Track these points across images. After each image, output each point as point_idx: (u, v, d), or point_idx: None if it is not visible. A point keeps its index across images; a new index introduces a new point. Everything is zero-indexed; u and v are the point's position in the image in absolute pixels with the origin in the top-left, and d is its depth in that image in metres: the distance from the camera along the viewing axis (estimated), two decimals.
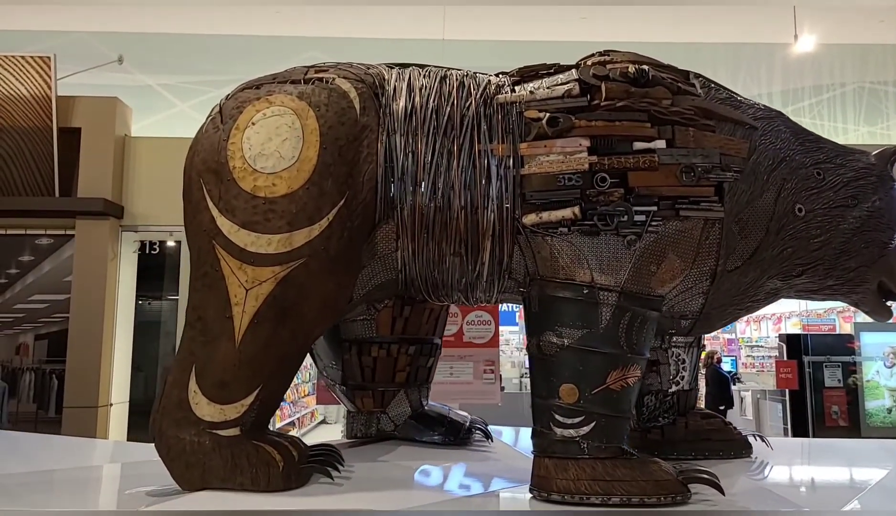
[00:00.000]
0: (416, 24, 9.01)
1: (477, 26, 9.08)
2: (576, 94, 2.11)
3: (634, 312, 2.00)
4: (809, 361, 7.47)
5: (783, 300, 2.56)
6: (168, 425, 1.92)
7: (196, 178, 1.99)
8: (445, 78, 2.21)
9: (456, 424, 2.65)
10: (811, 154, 2.35)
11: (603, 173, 2.02)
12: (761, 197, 2.22)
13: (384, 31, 9.12)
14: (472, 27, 9.07)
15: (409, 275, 2.15)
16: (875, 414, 7.44)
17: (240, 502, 1.81)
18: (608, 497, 1.85)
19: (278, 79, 2.14)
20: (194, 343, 1.94)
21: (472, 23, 9.02)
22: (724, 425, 2.63)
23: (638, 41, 7.49)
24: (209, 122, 2.08)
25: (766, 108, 2.42)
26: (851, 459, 2.94)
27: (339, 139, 1.98)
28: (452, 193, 2.04)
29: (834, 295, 2.45)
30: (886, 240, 2.34)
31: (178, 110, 9.24)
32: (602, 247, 2.00)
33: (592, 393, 1.93)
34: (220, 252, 1.92)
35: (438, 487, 2.12)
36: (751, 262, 2.23)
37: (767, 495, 2.06)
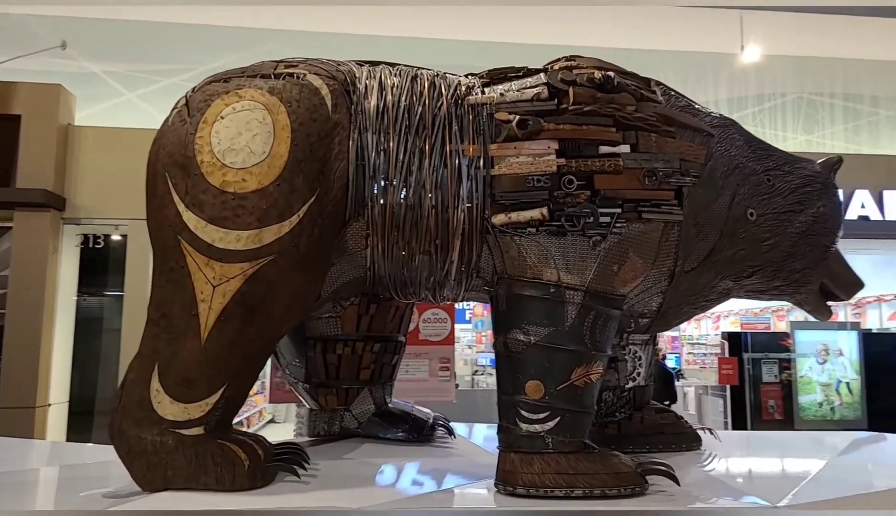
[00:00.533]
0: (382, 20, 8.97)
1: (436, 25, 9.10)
2: (544, 98, 2.16)
3: (598, 311, 2.06)
4: (749, 358, 7.79)
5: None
6: (129, 424, 1.88)
7: (161, 172, 1.95)
8: (416, 77, 2.23)
9: (419, 421, 2.67)
10: (762, 161, 2.47)
11: (570, 175, 2.07)
12: (717, 201, 2.32)
13: (345, 26, 9.04)
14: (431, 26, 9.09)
15: (378, 272, 2.16)
16: (807, 408, 7.80)
17: (205, 502, 1.78)
18: (571, 489, 1.91)
19: (247, 73, 2.12)
20: (158, 340, 1.90)
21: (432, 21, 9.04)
22: (677, 419, 2.73)
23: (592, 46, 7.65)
24: (175, 114, 2.03)
25: (721, 117, 2.53)
26: (791, 450, 3.10)
27: (310, 136, 1.97)
28: (423, 192, 2.06)
29: (780, 295, 2.57)
30: (829, 243, 2.48)
31: (125, 99, 8.93)
32: (568, 247, 2.06)
33: (557, 390, 1.98)
34: (187, 248, 1.88)
35: (405, 484, 2.14)
36: (706, 264, 2.33)
37: (719, 485, 2.15)
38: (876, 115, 10.47)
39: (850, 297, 2.58)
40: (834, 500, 1.97)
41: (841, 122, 10.41)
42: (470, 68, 2.53)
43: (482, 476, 2.12)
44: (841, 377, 7.60)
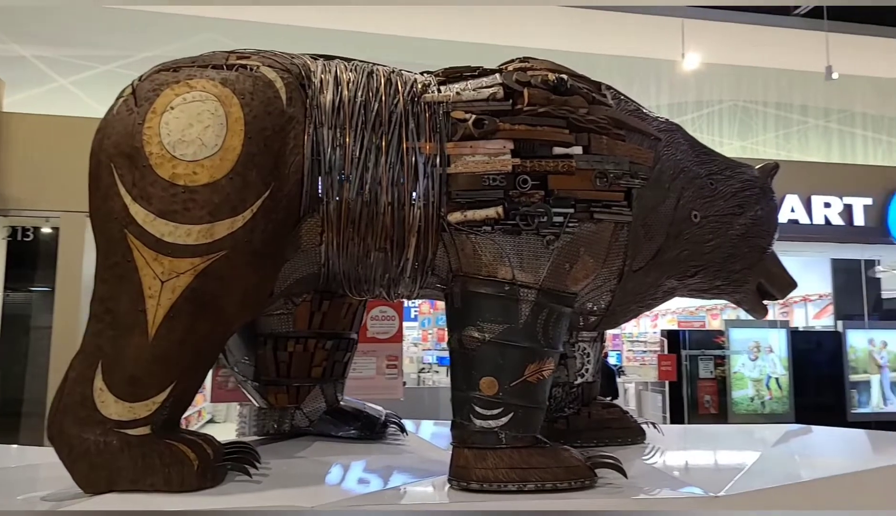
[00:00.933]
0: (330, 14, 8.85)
1: (383, 20, 9.05)
2: (500, 98, 2.19)
3: (551, 308, 2.10)
4: (687, 355, 8.07)
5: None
6: (69, 424, 1.80)
7: (106, 163, 1.88)
8: (372, 73, 2.22)
9: (372, 419, 2.66)
10: (705, 165, 2.56)
11: (525, 175, 2.10)
12: (663, 203, 2.40)
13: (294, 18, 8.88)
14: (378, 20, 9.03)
15: (333, 269, 2.14)
16: (740, 403, 8.14)
17: (153, 502, 1.73)
18: (524, 483, 1.94)
19: (197, 62, 2.06)
20: (101, 337, 1.83)
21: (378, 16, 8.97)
22: (622, 414, 2.81)
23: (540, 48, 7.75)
24: (121, 103, 1.96)
25: (667, 121, 2.61)
26: (727, 443, 3.24)
27: (264, 129, 1.94)
28: (380, 189, 2.05)
29: (720, 294, 2.68)
30: (766, 245, 2.60)
31: (57, 85, 8.52)
32: (523, 245, 2.09)
33: (511, 386, 2.01)
34: (133, 241, 1.82)
35: (358, 481, 2.13)
36: (653, 263, 2.41)
37: (663, 477, 2.23)
38: (805, 123, 11.00)
39: (784, 297, 2.71)
40: (770, 489, 2.07)
41: (773, 129, 10.89)
42: (414, 65, 2.53)
43: (435, 472, 2.13)
44: (771, 373, 7.96)
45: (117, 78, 8.17)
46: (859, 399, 7.79)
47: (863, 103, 10.73)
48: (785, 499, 2.06)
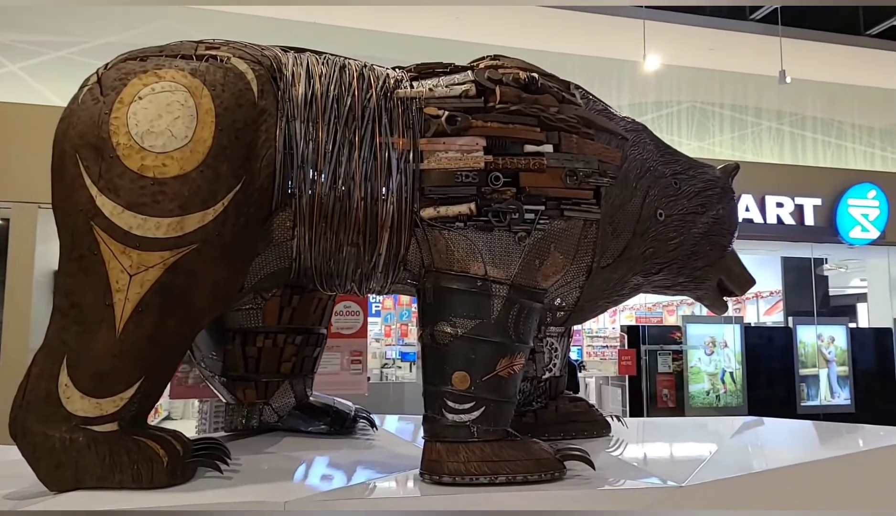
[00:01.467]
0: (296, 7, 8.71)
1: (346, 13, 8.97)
2: (472, 95, 2.20)
3: (522, 304, 2.13)
4: (646, 350, 8.24)
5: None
6: (33, 421, 1.75)
7: (71, 153, 1.83)
8: (344, 67, 2.21)
9: (341, 414, 2.65)
10: (670, 165, 2.63)
11: (497, 172, 2.13)
12: (630, 202, 2.45)
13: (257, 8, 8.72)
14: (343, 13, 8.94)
15: (304, 264, 2.12)
16: (696, 397, 8.35)
17: (121, 500, 1.70)
18: (495, 476, 1.96)
19: (165, 52, 2.02)
20: (67, 332, 1.79)
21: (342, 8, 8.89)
22: (589, 407, 2.87)
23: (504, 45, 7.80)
24: (85, 92, 1.91)
25: (633, 121, 2.67)
26: (688, 435, 3.34)
27: (236, 121, 1.91)
28: (353, 184, 2.05)
29: (683, 290, 2.76)
30: (726, 243, 2.68)
31: (7, 71, 8.20)
32: (495, 242, 2.11)
33: (483, 380, 2.04)
34: (100, 234, 1.78)
35: (330, 476, 2.13)
36: (620, 260, 2.46)
37: (630, 468, 2.29)
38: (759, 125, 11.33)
39: (743, 293, 2.81)
40: (730, 479, 2.14)
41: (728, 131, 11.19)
42: (381, 60, 2.53)
43: (407, 466, 2.14)
44: (726, 367, 8.20)
45: (71, 65, 7.92)
46: (808, 392, 8.09)
47: (814, 107, 11.11)
48: (744, 489, 2.14)
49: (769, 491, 2.18)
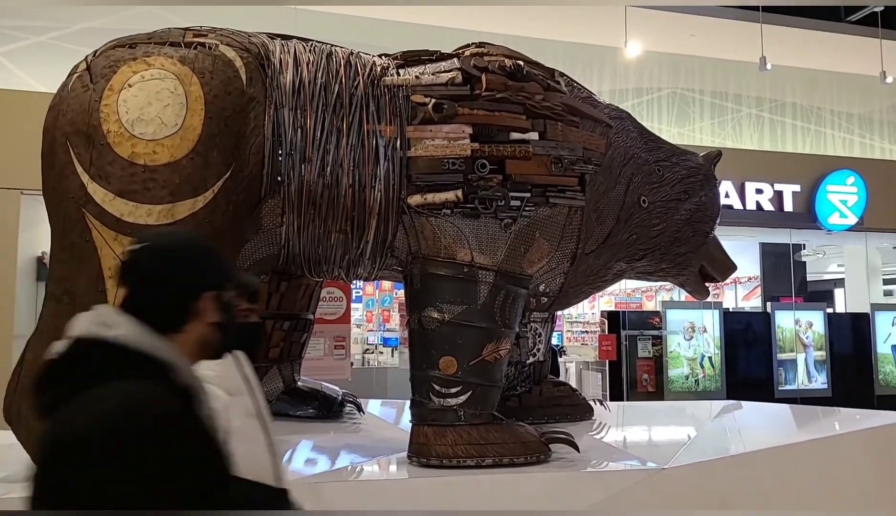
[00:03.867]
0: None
1: None
2: (459, 83, 2.22)
3: (508, 290, 2.17)
4: (626, 335, 8.33)
5: None
6: (28, 407, 1.76)
7: (62, 140, 1.83)
8: (331, 54, 2.22)
9: (329, 398, 2.69)
10: (653, 152, 2.67)
11: (483, 160, 2.16)
12: (614, 189, 2.50)
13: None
14: None
15: (293, 250, 2.14)
16: (675, 381, 8.47)
17: None
18: (482, 459, 2.01)
19: (154, 39, 2.02)
20: (60, 318, 1.79)
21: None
22: (572, 392, 2.93)
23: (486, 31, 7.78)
24: (75, 79, 1.91)
25: (617, 109, 2.70)
26: (670, 419, 3.42)
27: (224, 109, 1.92)
28: (341, 171, 2.07)
29: (666, 276, 2.81)
30: (708, 230, 2.73)
31: None
32: (481, 229, 2.15)
33: (469, 365, 2.08)
34: (92, 221, 1.79)
35: (320, 459, 2.16)
36: (604, 247, 2.51)
37: (613, 451, 2.35)
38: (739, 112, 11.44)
39: (725, 279, 2.87)
40: (711, 461, 2.21)
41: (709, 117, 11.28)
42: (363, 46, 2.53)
43: (395, 449, 2.18)
44: (704, 352, 8.32)
45: (51, 50, 7.77)
46: (786, 376, 8.25)
47: (793, 94, 11.23)
48: (725, 470, 2.20)
49: (749, 473, 2.25)
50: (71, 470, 0.83)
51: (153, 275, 0.98)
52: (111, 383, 0.88)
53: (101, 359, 0.93)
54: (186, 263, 1.01)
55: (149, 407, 0.86)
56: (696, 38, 10.09)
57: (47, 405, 0.91)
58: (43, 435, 0.85)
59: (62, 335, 1.78)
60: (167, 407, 0.87)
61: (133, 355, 0.92)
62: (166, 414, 0.86)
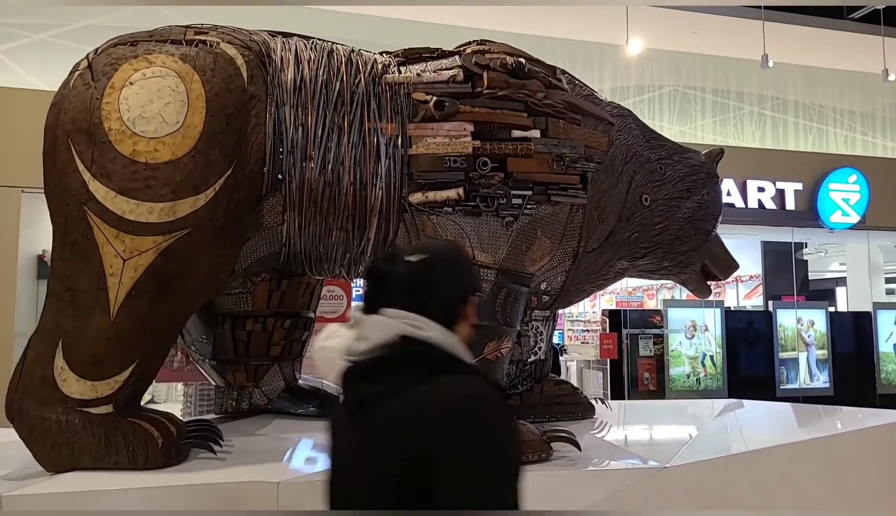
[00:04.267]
0: None
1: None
2: (460, 80, 2.22)
3: (510, 288, 2.17)
4: (627, 334, 8.34)
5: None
6: (30, 404, 1.77)
7: (63, 138, 1.83)
8: (332, 52, 2.22)
9: (330, 397, 2.68)
10: (655, 150, 2.67)
11: (485, 158, 2.16)
12: (616, 187, 2.49)
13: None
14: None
15: (294, 248, 2.14)
16: (677, 380, 8.48)
17: (117, 480, 1.72)
18: None
19: (155, 37, 2.02)
20: (62, 316, 1.80)
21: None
22: (574, 390, 2.92)
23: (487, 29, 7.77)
24: (76, 77, 1.91)
25: (619, 106, 2.70)
26: (671, 417, 3.42)
27: (226, 107, 1.92)
28: (342, 169, 2.07)
29: (667, 275, 2.81)
30: (710, 228, 2.73)
31: None
32: (483, 227, 2.15)
33: None
34: (94, 219, 1.79)
35: (321, 457, 2.16)
36: (606, 245, 2.51)
37: (615, 449, 2.35)
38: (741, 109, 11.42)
39: (727, 278, 2.87)
40: (713, 460, 2.20)
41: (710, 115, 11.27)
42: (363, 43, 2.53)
43: None
44: (706, 351, 8.32)
45: (51, 48, 7.78)
46: (788, 375, 8.24)
47: (795, 91, 11.21)
48: (727, 469, 2.20)
49: (751, 472, 2.24)
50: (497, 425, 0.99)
51: (439, 283, 1.12)
52: (457, 375, 1.04)
53: (420, 355, 1.06)
54: (461, 271, 1.16)
55: (494, 392, 1.03)
56: (697, 36, 10.07)
57: (373, 395, 1.05)
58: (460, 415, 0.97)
59: (63, 333, 1.79)
60: (502, 394, 1.03)
61: (443, 353, 1.07)
62: (504, 400, 1.03)
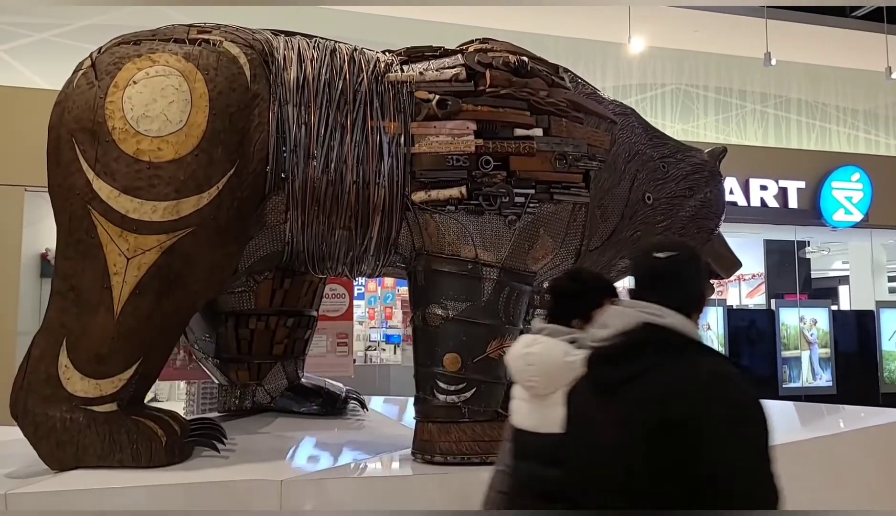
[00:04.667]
0: None
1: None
2: (463, 79, 2.22)
3: (512, 287, 2.17)
4: None
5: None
6: (35, 402, 1.78)
7: (67, 137, 1.84)
8: (335, 51, 2.22)
9: (333, 395, 2.69)
10: (658, 149, 2.67)
11: (487, 156, 2.15)
12: (619, 185, 2.49)
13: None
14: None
15: (297, 247, 2.15)
16: None
17: (121, 478, 1.73)
18: (487, 455, 2.01)
19: (158, 36, 2.02)
20: (66, 314, 1.81)
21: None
22: None
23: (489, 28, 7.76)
24: (80, 76, 1.91)
25: (622, 105, 2.70)
26: None
27: (229, 106, 1.93)
28: (345, 168, 2.07)
29: None
30: (713, 227, 2.73)
31: None
32: (485, 225, 2.15)
33: (474, 362, 2.08)
34: (97, 218, 1.80)
35: (324, 455, 2.17)
36: (608, 243, 2.50)
37: None
38: (743, 107, 11.39)
39: (730, 276, 2.86)
40: None
41: (713, 113, 11.24)
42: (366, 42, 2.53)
43: (399, 446, 2.19)
44: None
45: (54, 47, 7.78)
46: (790, 373, 8.23)
47: (798, 89, 11.18)
48: None
49: None
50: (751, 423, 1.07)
51: (684, 277, 1.21)
52: (703, 355, 1.12)
53: (664, 339, 1.13)
54: (700, 267, 1.24)
55: (741, 372, 1.10)
56: (700, 34, 10.04)
57: (625, 374, 1.12)
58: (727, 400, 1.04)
59: (67, 332, 1.79)
60: (748, 374, 1.10)
61: (685, 337, 1.14)
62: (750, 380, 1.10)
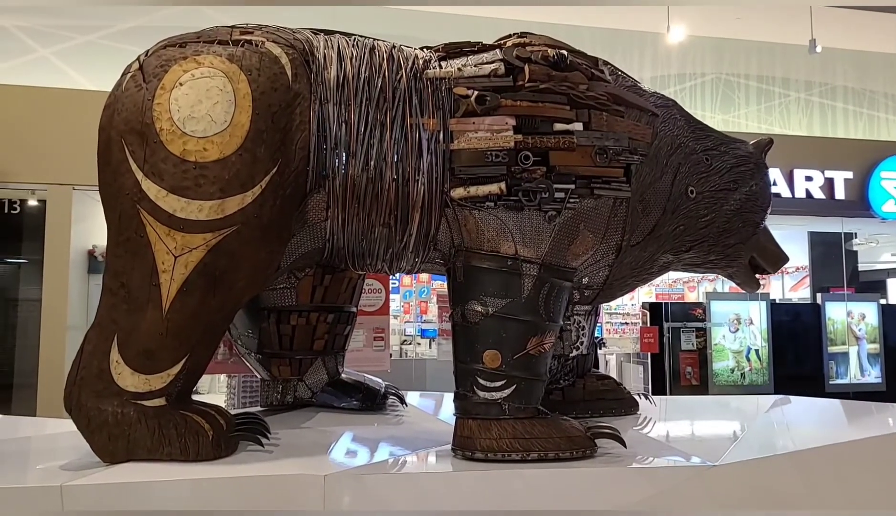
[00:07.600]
0: None
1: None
2: (501, 74, 2.21)
3: (552, 283, 2.16)
4: (669, 327, 8.21)
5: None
6: (87, 396, 1.84)
7: (117, 139, 1.89)
8: (374, 48, 2.23)
9: (372, 390, 2.71)
10: (701, 141, 2.61)
11: (527, 151, 2.14)
12: (661, 179, 2.45)
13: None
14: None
15: (337, 244, 2.17)
16: (720, 374, 8.32)
17: (171, 472, 1.78)
18: (527, 453, 2.01)
19: (203, 38, 2.06)
20: (116, 311, 1.86)
21: None
22: (617, 385, 2.89)
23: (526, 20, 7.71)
24: (128, 79, 1.96)
25: (663, 97, 2.65)
26: (718, 414, 3.36)
27: (271, 105, 1.95)
28: (385, 165, 2.08)
29: (714, 268, 2.75)
30: (759, 220, 2.66)
31: (38, 56, 8.33)
32: (525, 221, 2.14)
33: (514, 359, 2.07)
34: (146, 217, 1.84)
35: (365, 450, 2.19)
36: (650, 238, 2.47)
37: (660, 446, 2.32)
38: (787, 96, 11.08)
39: (776, 271, 2.79)
40: (764, 459, 2.15)
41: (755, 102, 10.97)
42: (402, 38, 2.53)
43: (439, 442, 2.19)
44: (751, 345, 8.14)
45: (100, 49, 8.01)
46: (837, 370, 8.01)
47: (844, 77, 10.83)
48: (778, 468, 2.14)
49: (802, 472, 2.18)
50: None
51: None
52: None
53: None
54: None
55: None
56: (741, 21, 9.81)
57: None
58: None
59: (118, 328, 1.84)
60: None
61: None
62: None
